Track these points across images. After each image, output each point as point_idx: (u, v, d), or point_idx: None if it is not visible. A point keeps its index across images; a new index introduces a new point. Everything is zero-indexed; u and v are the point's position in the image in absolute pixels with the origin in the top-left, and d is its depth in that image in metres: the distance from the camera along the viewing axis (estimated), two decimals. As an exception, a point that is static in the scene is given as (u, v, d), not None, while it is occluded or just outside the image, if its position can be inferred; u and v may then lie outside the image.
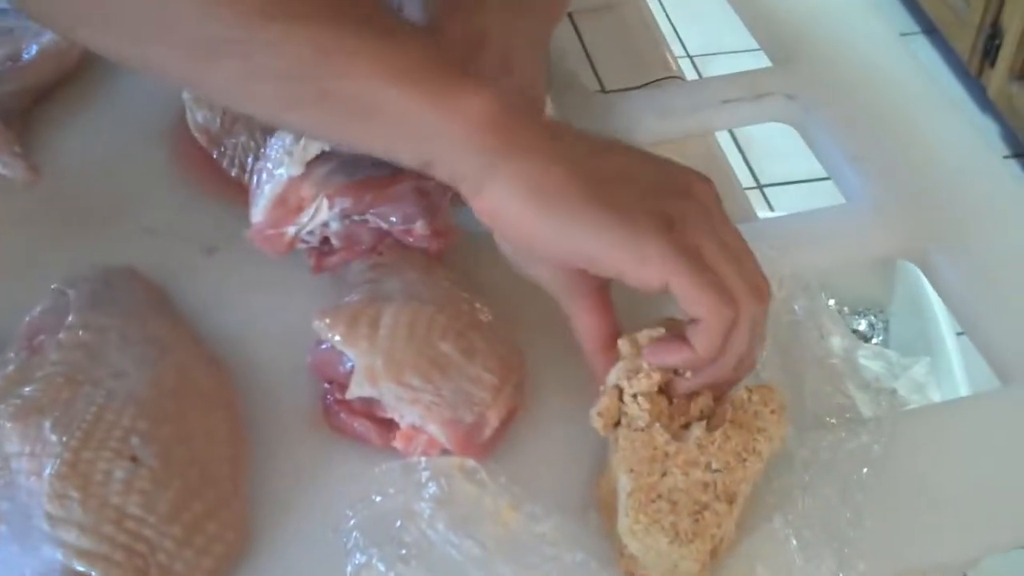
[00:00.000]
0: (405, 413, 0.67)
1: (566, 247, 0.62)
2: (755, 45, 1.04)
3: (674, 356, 0.64)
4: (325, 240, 0.77)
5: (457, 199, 0.67)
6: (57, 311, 0.72)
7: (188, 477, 0.63)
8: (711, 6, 1.13)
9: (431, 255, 0.77)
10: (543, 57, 0.79)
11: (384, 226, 0.76)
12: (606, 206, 0.60)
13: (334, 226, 0.75)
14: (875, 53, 1.02)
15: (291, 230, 0.75)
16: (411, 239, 0.76)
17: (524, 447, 0.70)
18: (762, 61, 1.03)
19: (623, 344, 0.66)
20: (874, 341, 1.78)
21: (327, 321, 0.70)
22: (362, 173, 0.74)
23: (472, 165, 0.61)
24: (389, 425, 0.68)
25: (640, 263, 0.60)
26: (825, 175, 0.92)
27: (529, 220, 0.61)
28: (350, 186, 0.73)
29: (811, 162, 0.94)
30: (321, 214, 0.74)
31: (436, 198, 0.75)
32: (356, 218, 0.76)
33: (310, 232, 0.75)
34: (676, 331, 0.65)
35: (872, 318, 1.80)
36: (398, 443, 0.68)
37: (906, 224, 0.86)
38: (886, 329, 1.79)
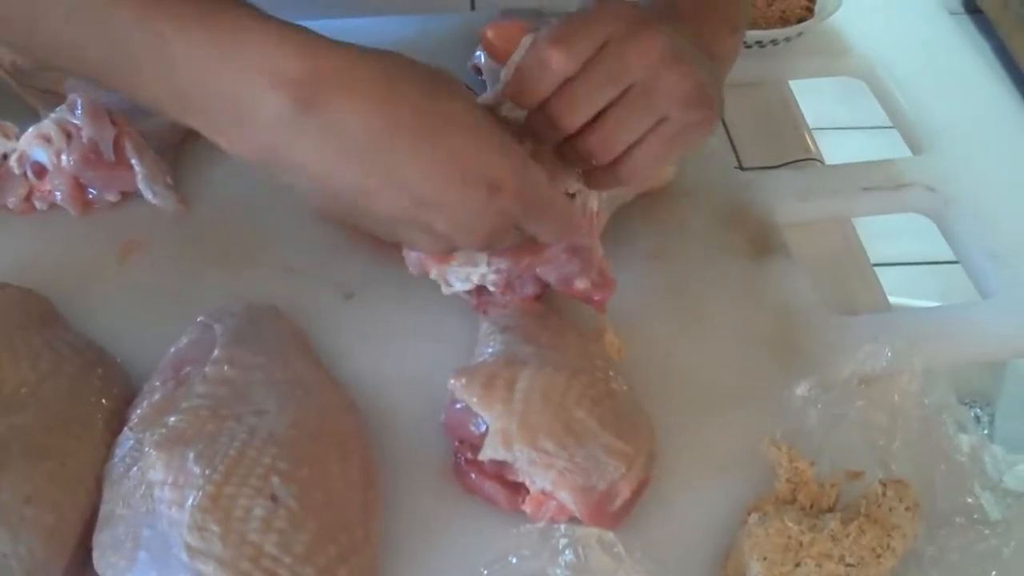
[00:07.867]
0: (537, 478, 0.67)
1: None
2: (869, 122, 1.03)
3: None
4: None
5: None
6: (203, 344, 0.74)
7: (324, 520, 0.63)
8: (826, 80, 1.13)
9: (596, 307, 0.78)
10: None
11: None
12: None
13: (491, 277, 0.76)
14: (1015, 143, 1.01)
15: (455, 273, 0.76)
16: (574, 294, 0.77)
17: (652, 520, 0.69)
18: (877, 139, 1.02)
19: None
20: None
21: (463, 381, 0.70)
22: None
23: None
24: (518, 489, 0.69)
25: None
26: (937, 259, 0.91)
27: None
28: (510, 249, 0.74)
29: (922, 243, 0.92)
30: (480, 268, 0.75)
31: (586, 254, 0.76)
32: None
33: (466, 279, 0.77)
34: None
35: (979, 411, 1.77)
36: (527, 507, 0.68)
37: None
38: (991, 422, 1.76)
